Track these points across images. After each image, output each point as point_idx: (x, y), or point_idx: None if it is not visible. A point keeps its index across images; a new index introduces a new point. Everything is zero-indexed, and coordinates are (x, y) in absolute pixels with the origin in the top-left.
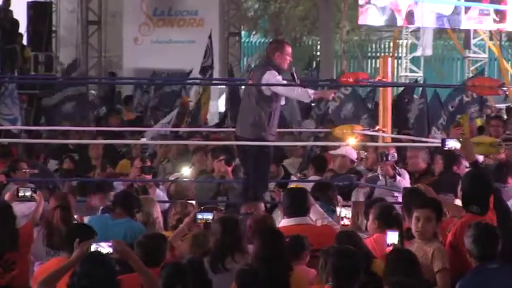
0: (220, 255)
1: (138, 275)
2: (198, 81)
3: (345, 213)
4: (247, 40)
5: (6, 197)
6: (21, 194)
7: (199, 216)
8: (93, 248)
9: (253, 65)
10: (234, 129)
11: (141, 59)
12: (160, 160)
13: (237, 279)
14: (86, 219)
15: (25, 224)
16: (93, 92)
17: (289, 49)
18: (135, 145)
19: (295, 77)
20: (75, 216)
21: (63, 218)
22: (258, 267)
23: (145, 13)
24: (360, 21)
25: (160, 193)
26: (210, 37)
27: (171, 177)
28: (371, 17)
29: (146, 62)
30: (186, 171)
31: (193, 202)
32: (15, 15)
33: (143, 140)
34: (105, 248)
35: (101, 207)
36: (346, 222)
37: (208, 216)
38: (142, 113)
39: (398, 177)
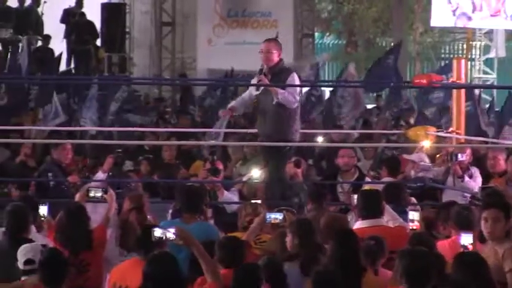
0: (311, 258)
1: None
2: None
3: (413, 215)
4: (320, 41)
5: (77, 197)
6: (91, 194)
7: (269, 216)
8: (159, 234)
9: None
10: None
11: (215, 60)
12: (235, 162)
13: (313, 280)
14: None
15: (98, 225)
16: (156, 91)
17: (262, 45)
18: (205, 146)
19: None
20: (149, 217)
21: (138, 220)
22: (333, 269)
23: (219, 14)
24: (432, 23)
25: (228, 195)
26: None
27: (244, 179)
28: (443, 18)
29: (219, 63)
30: (256, 173)
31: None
32: (89, 17)
33: (211, 142)
34: (170, 234)
35: (171, 211)
36: (415, 224)
37: (278, 216)
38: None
39: (466, 178)
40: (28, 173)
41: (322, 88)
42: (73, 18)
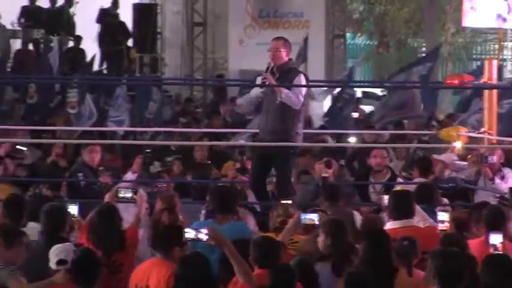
0: (342, 258)
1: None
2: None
3: (443, 216)
4: (352, 42)
5: (106, 198)
6: (121, 195)
7: (304, 217)
8: (191, 235)
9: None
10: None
11: (246, 61)
12: None
13: (345, 281)
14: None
15: (130, 225)
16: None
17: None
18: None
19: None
20: (181, 218)
21: (169, 220)
22: (365, 269)
23: (251, 15)
24: (464, 24)
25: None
26: (305, 40)
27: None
28: (475, 19)
29: (251, 64)
30: None
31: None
32: (121, 17)
33: (240, 142)
34: (202, 235)
35: (204, 212)
36: (445, 225)
37: (313, 217)
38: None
39: (497, 180)
40: (59, 173)
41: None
42: (107, 19)
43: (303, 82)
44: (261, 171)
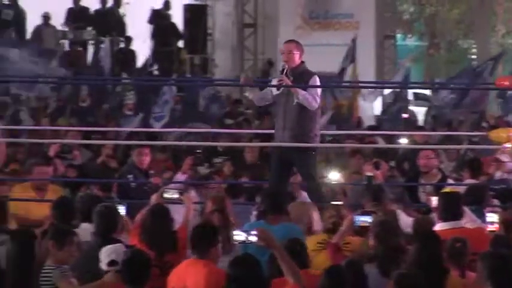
0: (391, 260)
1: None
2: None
3: (492, 217)
4: (402, 43)
5: (153, 198)
6: (167, 195)
7: (358, 219)
8: (241, 238)
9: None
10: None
11: None
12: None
13: (395, 282)
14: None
15: (180, 226)
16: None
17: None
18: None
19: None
20: (231, 219)
21: (220, 221)
22: (416, 271)
23: (301, 16)
24: None
25: (306, 195)
26: (353, 41)
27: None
28: None
29: None
30: (333, 175)
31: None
32: (172, 18)
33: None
34: (252, 237)
35: (255, 213)
36: (494, 227)
37: (367, 219)
38: None
39: None
40: (110, 174)
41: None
42: (159, 20)
43: (318, 83)
44: (281, 174)
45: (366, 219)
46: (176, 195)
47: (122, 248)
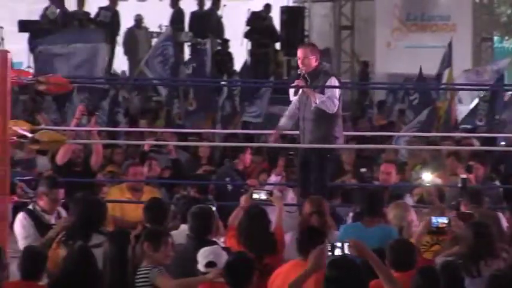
0: (474, 260)
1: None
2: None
3: None
4: (499, 45)
5: (242, 200)
6: (255, 196)
7: (436, 220)
8: (338, 251)
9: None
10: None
11: (393, 64)
12: (413, 166)
13: (489, 284)
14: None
15: (275, 227)
16: None
17: (297, 52)
18: (385, 150)
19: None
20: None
21: (319, 224)
22: (510, 272)
23: (398, 18)
24: None
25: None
26: (449, 45)
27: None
28: None
29: (398, 67)
30: (427, 177)
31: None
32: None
33: (393, 146)
34: (345, 248)
35: (351, 214)
36: None
37: (444, 220)
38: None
39: None
40: (207, 175)
41: None
42: (256, 22)
43: (336, 84)
44: (306, 178)
45: (443, 221)
46: (265, 197)
47: (219, 250)
